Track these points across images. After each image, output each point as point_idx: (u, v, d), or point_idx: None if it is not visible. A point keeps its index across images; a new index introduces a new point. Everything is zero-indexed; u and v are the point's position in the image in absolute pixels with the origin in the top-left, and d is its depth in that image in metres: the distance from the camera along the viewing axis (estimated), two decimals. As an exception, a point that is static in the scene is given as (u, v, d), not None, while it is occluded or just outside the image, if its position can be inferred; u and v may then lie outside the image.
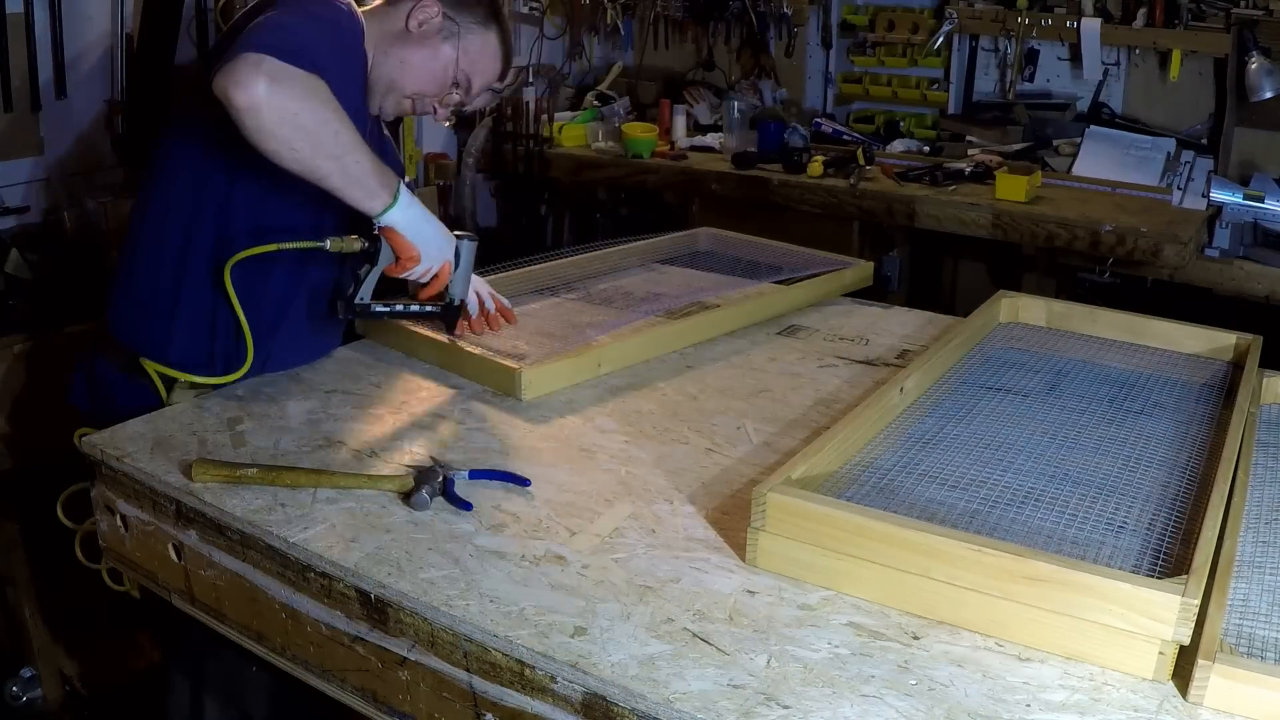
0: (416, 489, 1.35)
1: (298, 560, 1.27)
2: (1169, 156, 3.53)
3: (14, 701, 2.53)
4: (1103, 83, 3.82)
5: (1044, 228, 3.18)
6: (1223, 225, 3.26)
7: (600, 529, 1.32)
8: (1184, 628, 1.04)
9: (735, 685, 1.04)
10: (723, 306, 2.06)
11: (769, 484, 1.23)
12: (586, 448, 1.54)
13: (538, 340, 1.89)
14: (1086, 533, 1.25)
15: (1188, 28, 3.55)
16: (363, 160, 1.55)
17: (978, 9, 3.93)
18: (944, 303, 4.08)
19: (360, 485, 1.39)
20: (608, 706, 1.05)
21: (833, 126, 4.04)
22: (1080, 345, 1.87)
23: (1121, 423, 1.57)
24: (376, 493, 1.38)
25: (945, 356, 1.72)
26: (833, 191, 3.49)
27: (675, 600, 1.18)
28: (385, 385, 1.73)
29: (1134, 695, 1.04)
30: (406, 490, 1.37)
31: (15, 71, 2.74)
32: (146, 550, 1.49)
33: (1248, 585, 1.18)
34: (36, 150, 2.84)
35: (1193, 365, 1.80)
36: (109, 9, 2.96)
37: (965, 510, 1.29)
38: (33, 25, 2.78)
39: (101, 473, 1.51)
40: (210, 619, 1.44)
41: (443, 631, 1.16)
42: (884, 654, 1.10)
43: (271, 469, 1.40)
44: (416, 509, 1.34)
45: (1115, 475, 1.40)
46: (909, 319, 2.11)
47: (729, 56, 4.46)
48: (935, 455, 1.44)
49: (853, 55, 4.31)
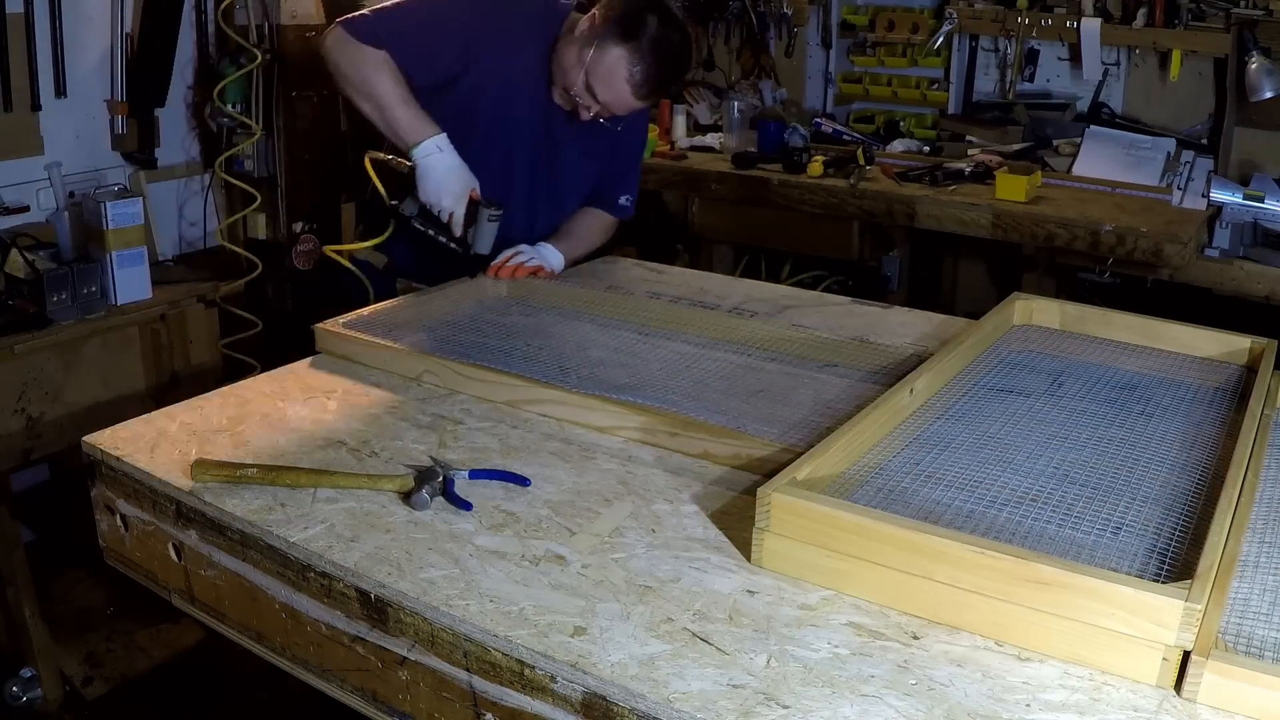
0: (417, 489, 1.35)
1: (298, 560, 1.27)
2: (1169, 156, 3.53)
3: (14, 701, 2.54)
4: (1103, 83, 3.82)
5: (1044, 228, 3.18)
6: (1223, 225, 3.26)
7: (600, 529, 1.32)
8: (1187, 632, 1.03)
9: (735, 685, 1.04)
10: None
11: (773, 484, 1.23)
12: (586, 448, 1.54)
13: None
14: (1093, 536, 1.25)
15: (1188, 28, 3.55)
16: (399, 112, 2.05)
17: (978, 9, 3.93)
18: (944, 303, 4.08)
19: (360, 485, 1.39)
20: (607, 706, 1.05)
21: (833, 126, 4.04)
22: (1094, 348, 1.87)
23: (1133, 425, 1.57)
24: (376, 492, 1.38)
25: (958, 358, 1.72)
26: (833, 191, 3.49)
27: (675, 600, 1.18)
28: (385, 385, 1.73)
29: (1134, 695, 1.04)
30: (406, 490, 1.37)
31: (15, 71, 2.75)
32: (146, 550, 1.49)
33: (1249, 585, 1.18)
34: (36, 150, 2.84)
35: (1206, 369, 1.79)
36: (109, 9, 2.96)
37: (970, 512, 1.29)
38: (33, 25, 2.78)
39: (101, 473, 1.51)
40: (210, 619, 1.44)
41: (442, 631, 1.16)
42: (884, 654, 1.10)
43: (271, 469, 1.40)
44: (416, 509, 1.34)
45: (1124, 478, 1.40)
46: (909, 319, 2.11)
47: (729, 56, 4.46)
48: (945, 457, 1.43)
49: (853, 55, 4.31)
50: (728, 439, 1.49)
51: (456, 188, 2.09)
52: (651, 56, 2.02)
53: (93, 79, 2.98)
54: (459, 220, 2.10)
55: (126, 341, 2.72)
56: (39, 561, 2.68)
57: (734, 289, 2.29)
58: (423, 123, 2.07)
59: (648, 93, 2.08)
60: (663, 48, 2.03)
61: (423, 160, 2.06)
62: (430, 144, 2.06)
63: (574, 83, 2.08)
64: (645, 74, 2.04)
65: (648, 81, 2.05)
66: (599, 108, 2.10)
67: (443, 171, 2.07)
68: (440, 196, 2.08)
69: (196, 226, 3.32)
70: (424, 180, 2.08)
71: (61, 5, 2.81)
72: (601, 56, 2.03)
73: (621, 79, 2.04)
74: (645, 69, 2.03)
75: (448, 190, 2.08)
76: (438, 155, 2.07)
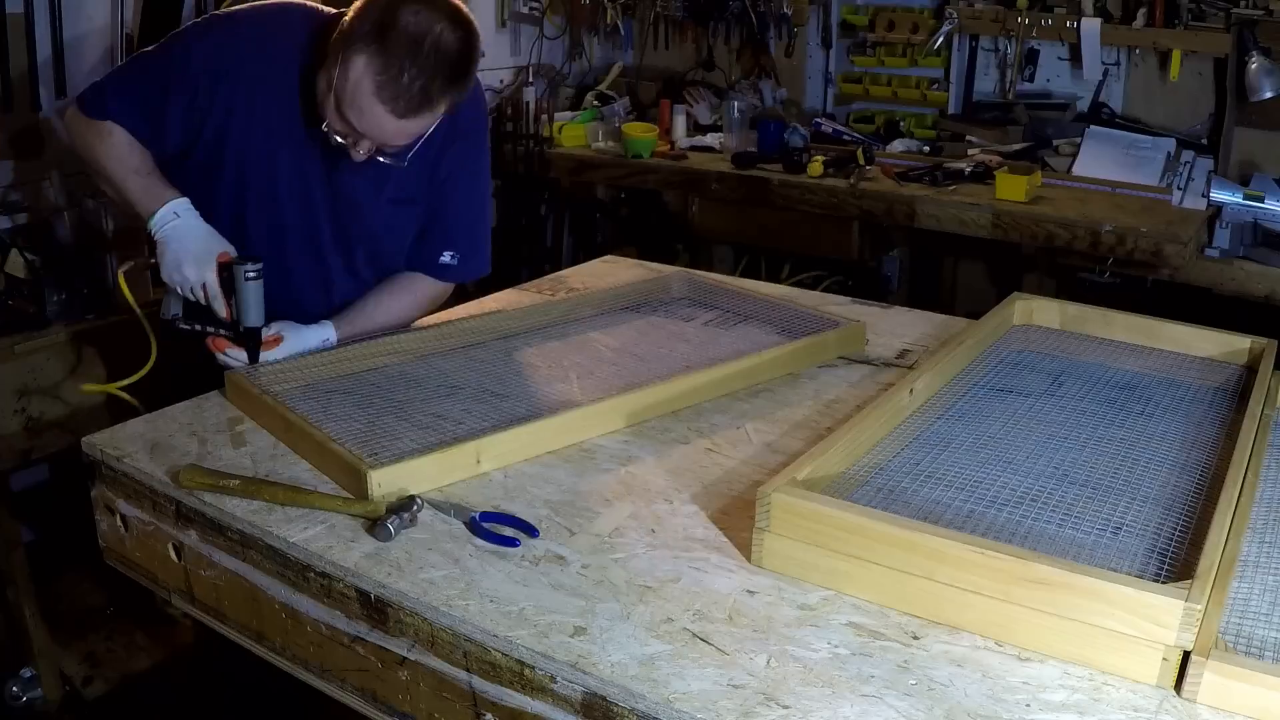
0: (385, 518, 1.28)
1: (298, 560, 1.27)
2: (1169, 156, 3.53)
3: (14, 701, 2.54)
4: (1103, 83, 3.82)
5: (1044, 228, 3.18)
6: (1223, 225, 3.26)
7: (600, 529, 1.32)
8: (1187, 633, 1.03)
9: (735, 685, 1.04)
10: (667, 382, 1.66)
11: (773, 484, 1.23)
12: (586, 447, 1.54)
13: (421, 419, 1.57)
14: (1093, 536, 1.25)
15: (1188, 28, 3.55)
16: (131, 183, 1.75)
17: (978, 9, 3.93)
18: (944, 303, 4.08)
19: (335, 508, 1.34)
20: (607, 706, 1.05)
21: (833, 126, 4.04)
22: (1094, 348, 1.87)
23: (1133, 425, 1.57)
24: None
25: (958, 358, 1.72)
26: (833, 191, 3.49)
27: (675, 600, 1.18)
28: (385, 385, 1.72)
29: (1134, 695, 1.04)
30: (376, 517, 1.30)
31: (15, 71, 2.74)
32: (147, 550, 1.49)
33: (1249, 585, 1.18)
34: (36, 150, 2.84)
35: (1206, 368, 1.80)
36: (109, 9, 2.96)
37: (970, 512, 1.29)
38: (33, 25, 2.78)
39: (101, 473, 1.51)
40: (210, 619, 1.44)
41: (442, 631, 1.16)
42: (884, 654, 1.10)
43: (253, 482, 1.37)
44: (379, 539, 1.27)
45: (1124, 478, 1.40)
46: (909, 319, 2.11)
47: (729, 56, 4.46)
48: (945, 457, 1.44)
49: (853, 55, 4.31)
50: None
51: (196, 251, 1.71)
52: (404, 56, 1.55)
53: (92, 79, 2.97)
54: (215, 291, 1.70)
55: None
56: (39, 561, 2.68)
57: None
58: (159, 188, 1.74)
59: (408, 105, 1.58)
60: (419, 44, 1.55)
61: (159, 233, 1.72)
62: (166, 210, 1.72)
63: (327, 113, 1.64)
64: (398, 80, 1.55)
65: (405, 90, 1.56)
66: (365, 141, 1.65)
67: (178, 239, 1.71)
68: (180, 267, 1.71)
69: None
70: (161, 257, 1.73)
71: (61, 5, 2.81)
72: (345, 72, 1.57)
73: (369, 93, 1.56)
74: (396, 74, 1.55)
75: (186, 256, 1.71)
76: (175, 223, 1.72)
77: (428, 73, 1.57)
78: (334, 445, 1.42)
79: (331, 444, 1.42)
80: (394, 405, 1.61)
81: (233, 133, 1.76)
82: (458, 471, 1.42)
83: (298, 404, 1.57)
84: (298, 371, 1.70)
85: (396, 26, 1.55)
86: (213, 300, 1.71)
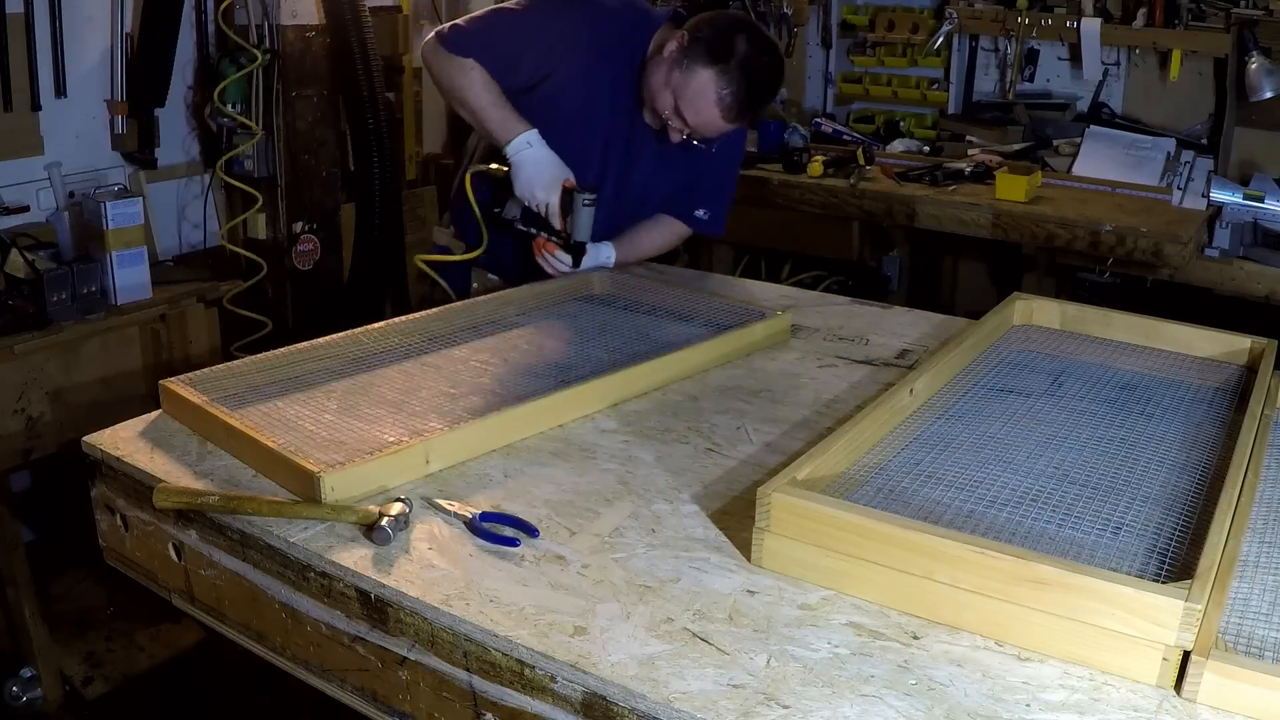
0: (380, 521, 1.27)
1: (298, 560, 1.27)
2: (1169, 156, 3.54)
3: (14, 701, 2.54)
4: (1103, 83, 3.83)
5: (1044, 228, 3.19)
6: (1223, 225, 3.26)
7: (600, 529, 1.32)
8: (1187, 633, 1.03)
9: (735, 685, 1.04)
10: (601, 377, 1.67)
11: (773, 484, 1.23)
12: (586, 447, 1.54)
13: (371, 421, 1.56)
14: (1093, 536, 1.25)
15: (1188, 28, 3.55)
16: (490, 114, 2.15)
17: (978, 9, 3.93)
18: (944, 303, 4.09)
19: (323, 516, 1.31)
20: (607, 706, 1.05)
21: (833, 126, 4.05)
22: (1094, 348, 1.87)
23: (1133, 425, 1.57)
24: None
25: (958, 358, 1.72)
26: (833, 191, 3.49)
27: (675, 600, 1.18)
28: (385, 385, 1.72)
29: (1134, 695, 1.04)
30: (369, 523, 1.29)
31: (15, 71, 2.74)
32: (147, 550, 1.49)
33: (1249, 585, 1.18)
34: (37, 150, 2.84)
35: (1206, 369, 1.80)
36: (109, 9, 2.96)
37: (970, 512, 1.29)
38: (33, 25, 2.78)
39: (101, 472, 1.51)
40: (210, 619, 1.44)
41: (443, 631, 1.16)
42: (884, 654, 1.10)
43: (233, 497, 1.35)
44: (378, 544, 1.27)
45: (1124, 478, 1.40)
46: (909, 319, 2.11)
47: (729, 56, 4.46)
48: (945, 457, 1.44)
49: (853, 55, 4.31)
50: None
51: (548, 178, 2.14)
52: (741, 79, 2.01)
53: (93, 79, 2.97)
54: (555, 210, 2.14)
55: (126, 341, 2.72)
56: (39, 561, 2.68)
57: (734, 289, 2.29)
58: (513, 121, 2.14)
59: (736, 115, 2.07)
60: (752, 69, 2.02)
61: (515, 156, 2.13)
62: (521, 140, 2.13)
63: (664, 106, 2.09)
64: (734, 97, 2.03)
65: (737, 104, 2.04)
66: (689, 130, 2.10)
67: (534, 165, 2.13)
68: (533, 189, 2.14)
69: (198, 229, 3.32)
70: (517, 175, 2.14)
71: (61, 5, 2.81)
72: (689, 79, 2.03)
73: (710, 102, 2.03)
74: (734, 92, 2.02)
75: (540, 182, 2.14)
76: (528, 150, 2.13)
77: (757, 93, 2.07)
78: (281, 450, 1.39)
79: (279, 449, 1.39)
80: (343, 408, 1.60)
81: (566, 86, 2.17)
82: (408, 472, 1.41)
83: (238, 410, 1.54)
84: (232, 379, 1.65)
85: (737, 54, 2.01)
86: (551, 216, 2.16)
